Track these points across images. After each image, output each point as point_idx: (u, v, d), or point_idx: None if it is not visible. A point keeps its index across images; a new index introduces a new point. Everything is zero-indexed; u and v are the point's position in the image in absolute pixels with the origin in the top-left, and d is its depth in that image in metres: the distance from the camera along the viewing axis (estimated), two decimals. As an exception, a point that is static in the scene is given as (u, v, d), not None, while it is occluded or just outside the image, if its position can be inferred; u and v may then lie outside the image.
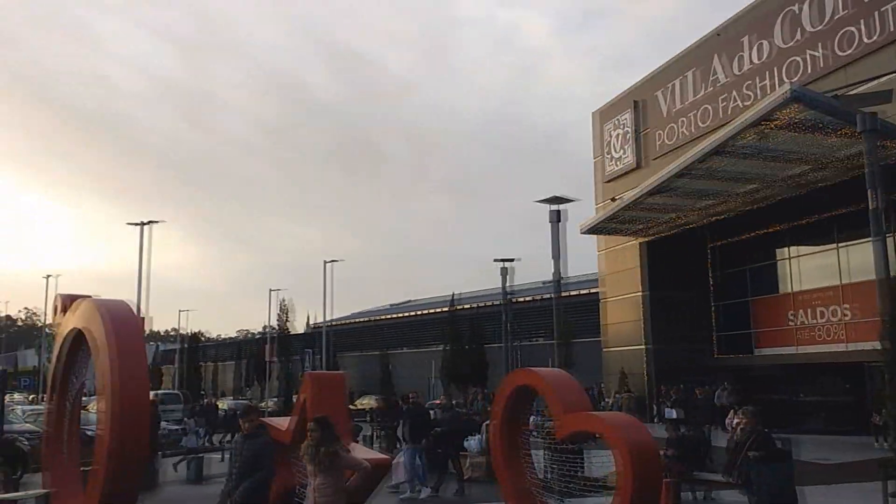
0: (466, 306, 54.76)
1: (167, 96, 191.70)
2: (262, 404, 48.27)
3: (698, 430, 15.80)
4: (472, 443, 17.37)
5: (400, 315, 68.92)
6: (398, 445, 17.83)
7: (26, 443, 18.75)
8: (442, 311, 55.81)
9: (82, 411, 13.95)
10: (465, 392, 40.76)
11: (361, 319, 73.43)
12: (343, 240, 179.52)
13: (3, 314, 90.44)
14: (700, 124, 31.84)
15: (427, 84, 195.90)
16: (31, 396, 52.93)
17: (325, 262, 53.75)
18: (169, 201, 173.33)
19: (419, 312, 65.52)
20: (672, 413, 25.43)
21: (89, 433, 14.57)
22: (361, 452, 10.10)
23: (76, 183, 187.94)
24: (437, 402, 27.89)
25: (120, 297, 13.39)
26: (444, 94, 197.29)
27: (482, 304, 55.01)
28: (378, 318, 71.40)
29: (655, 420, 30.05)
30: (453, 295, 54.28)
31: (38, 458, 16.16)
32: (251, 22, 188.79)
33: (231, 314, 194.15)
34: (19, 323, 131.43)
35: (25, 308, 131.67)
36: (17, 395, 51.59)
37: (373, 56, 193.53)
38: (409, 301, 75.88)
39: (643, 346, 34.93)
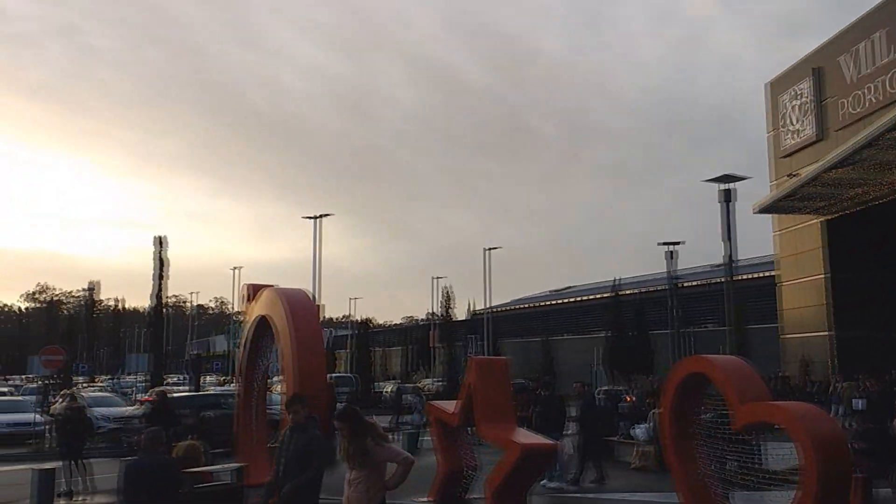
0: (629, 291, 53.35)
1: (333, 95, 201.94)
2: (421, 384, 49.85)
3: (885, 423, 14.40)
4: (639, 431, 16.92)
5: (561, 301, 68.43)
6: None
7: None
8: (604, 297, 54.76)
9: (266, 392, 15.10)
10: (629, 380, 39.79)
11: (522, 306, 73.67)
12: (499, 226, 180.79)
13: (196, 303, 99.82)
14: (889, 90, 28.88)
15: (582, 63, 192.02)
16: (223, 378, 58.03)
17: (485, 250, 54.40)
18: (337, 194, 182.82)
19: (580, 298, 64.70)
20: (859, 404, 23.38)
21: (274, 414, 15.73)
22: (524, 437, 10.15)
23: (254, 182, 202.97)
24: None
25: (296, 286, 14.37)
26: (599, 72, 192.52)
27: (646, 290, 53.36)
28: (539, 304, 71.31)
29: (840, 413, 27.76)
30: (616, 280, 53.08)
31: (227, 435, 17.68)
32: (407, 15, 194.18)
33: (396, 301, 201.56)
34: (211, 311, 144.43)
35: (216, 297, 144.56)
36: (209, 378, 56.74)
37: (526, 38, 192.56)
38: (570, 287, 75.13)
39: (826, 333, 32.46)
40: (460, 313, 58.19)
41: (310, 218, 42.07)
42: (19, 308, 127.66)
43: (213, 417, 18.82)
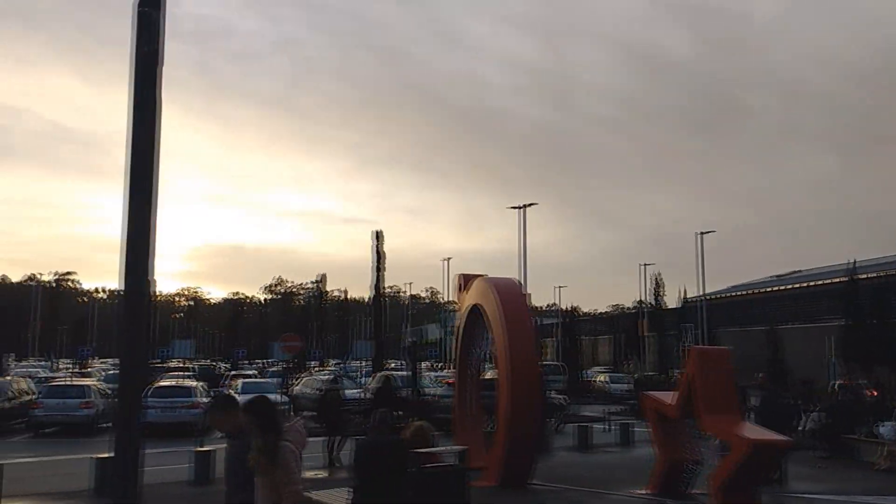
0: (868, 275, 47.95)
1: (532, 85, 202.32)
2: (636, 376, 48.46)
3: None
4: (885, 429, 15.24)
5: (786, 287, 63.20)
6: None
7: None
8: (837, 282, 49.70)
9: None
10: (870, 372, 35.81)
11: (741, 293, 69.04)
12: (712, 208, 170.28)
13: (410, 293, 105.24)
14: None
15: (796, 26, 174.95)
16: (438, 364, 60.58)
17: (697, 234, 51.67)
18: (541, 184, 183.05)
19: (809, 284, 59.28)
20: None
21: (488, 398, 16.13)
22: (752, 431, 9.52)
23: (462, 175, 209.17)
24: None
25: (504, 275, 14.62)
26: (816, 35, 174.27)
27: (889, 273, 47.66)
28: (760, 290, 66.42)
29: None
30: (851, 262, 47.96)
31: (445, 418, 18.42)
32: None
33: (602, 289, 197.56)
34: (424, 300, 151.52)
35: (428, 287, 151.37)
36: (424, 364, 59.51)
37: (733, 4, 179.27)
38: (796, 271, 69.11)
39: None
40: (671, 301, 55.88)
41: (515, 208, 42.56)
42: (260, 300, 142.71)
43: (433, 399, 19.61)
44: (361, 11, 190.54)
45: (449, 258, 63.96)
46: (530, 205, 42.61)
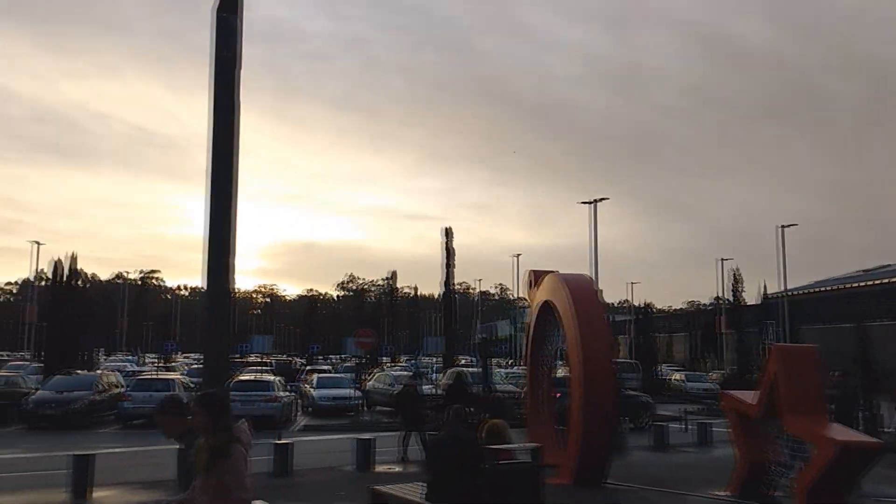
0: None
1: (600, 75, 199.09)
2: (711, 375, 47.07)
3: None
4: None
5: (876, 282, 60.29)
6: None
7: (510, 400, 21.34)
8: (931, 277, 47.10)
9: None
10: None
11: (826, 288, 66.24)
12: (793, 200, 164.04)
13: (480, 290, 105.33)
14: None
15: (883, 5, 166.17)
16: (508, 361, 60.44)
17: (778, 227, 49.81)
18: (611, 177, 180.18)
19: (899, 279, 56.46)
20: None
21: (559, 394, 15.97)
22: (840, 432, 9.11)
23: (530, 170, 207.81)
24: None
25: (574, 271, 14.44)
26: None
27: None
28: (847, 286, 63.57)
29: None
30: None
31: (517, 415, 18.35)
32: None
33: (676, 285, 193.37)
34: (493, 297, 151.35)
35: (498, 284, 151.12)
36: (496, 360, 59.46)
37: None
38: (887, 266, 65.87)
39: None
40: (750, 297, 54.05)
41: (585, 203, 42.00)
42: (333, 296, 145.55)
43: (505, 396, 19.57)
44: (428, 8, 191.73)
45: (518, 254, 63.71)
46: (601, 199, 41.98)
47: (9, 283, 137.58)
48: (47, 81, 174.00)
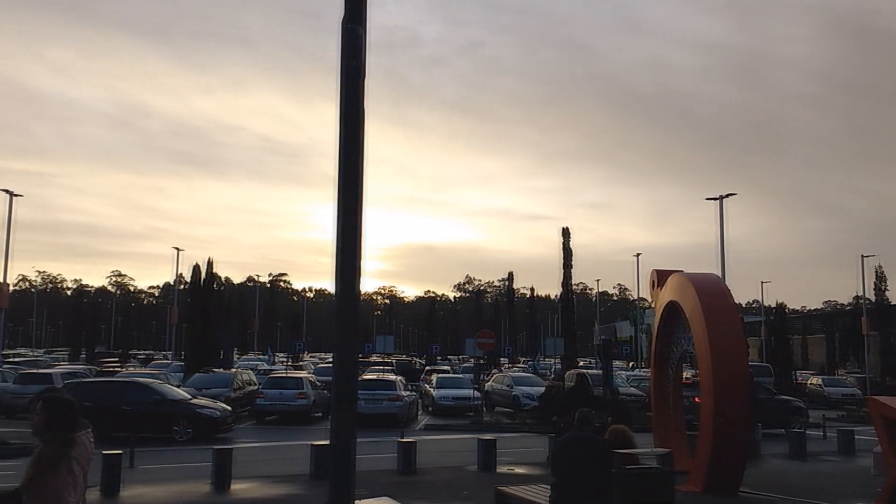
0: None
1: (722, 66, 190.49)
2: (847, 379, 43.88)
3: None
4: None
5: None
6: None
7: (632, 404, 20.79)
8: None
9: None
10: None
11: (984, 286, 60.37)
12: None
13: (599, 290, 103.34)
14: None
15: None
16: (630, 363, 58.93)
17: (929, 221, 45.81)
18: (738, 171, 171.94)
19: None
20: None
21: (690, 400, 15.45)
22: None
23: (649, 167, 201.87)
24: None
25: (700, 270, 13.88)
26: None
27: None
28: None
29: None
30: None
31: (642, 419, 17.86)
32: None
33: (813, 284, 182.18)
34: (613, 297, 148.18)
35: (618, 284, 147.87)
36: (617, 362, 58.10)
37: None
38: None
39: None
40: (894, 296, 50.09)
41: (712, 199, 40.31)
42: (451, 297, 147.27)
43: (628, 400, 19.11)
44: (542, 8, 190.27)
45: (639, 254, 61.94)
46: (729, 195, 40.14)
47: (153, 287, 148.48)
48: (182, 97, 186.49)
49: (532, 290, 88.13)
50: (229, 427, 19.72)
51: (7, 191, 31.74)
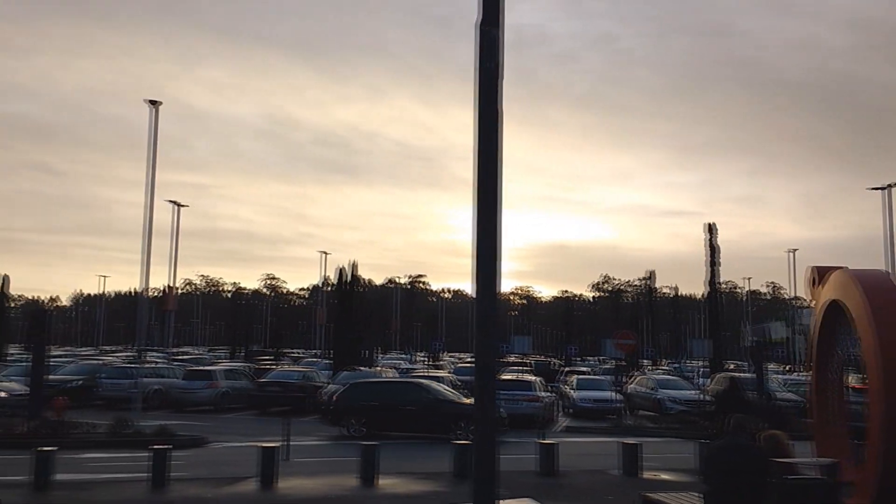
0: None
1: (879, 43, 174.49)
2: None
3: None
4: None
5: None
6: None
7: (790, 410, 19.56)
8: None
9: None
10: None
11: None
12: None
13: (748, 289, 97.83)
14: None
15: None
16: (786, 367, 55.42)
17: None
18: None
19: None
20: None
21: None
22: None
23: (800, 156, 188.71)
24: None
25: (861, 267, 12.77)
26: None
27: None
28: None
29: None
30: None
31: (799, 426, 16.70)
32: None
33: None
34: (764, 296, 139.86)
35: (769, 282, 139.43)
36: (771, 365, 54.85)
37: None
38: None
39: None
40: None
41: (876, 189, 37.13)
42: (588, 297, 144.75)
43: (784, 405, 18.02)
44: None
45: (794, 249, 58.12)
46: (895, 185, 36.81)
47: (302, 289, 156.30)
48: (325, 108, 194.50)
49: (675, 289, 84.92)
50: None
51: (174, 202, 34.54)
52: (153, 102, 20.66)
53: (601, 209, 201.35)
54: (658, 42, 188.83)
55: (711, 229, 39.60)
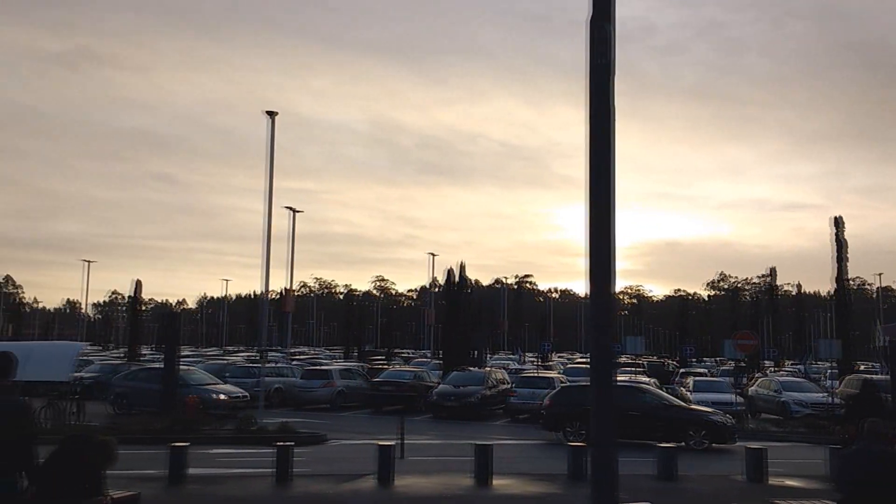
0: None
1: None
2: None
3: None
4: None
5: None
6: None
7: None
8: None
9: None
10: None
11: None
12: None
13: (880, 285, 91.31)
14: None
15: None
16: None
17: None
18: None
19: None
20: None
21: None
22: None
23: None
24: None
25: None
26: None
27: None
28: None
29: None
30: None
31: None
32: None
33: None
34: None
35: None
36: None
37: None
38: None
39: None
40: None
41: None
42: (703, 296, 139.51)
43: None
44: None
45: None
46: None
47: (410, 291, 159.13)
48: (426, 111, 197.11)
49: (798, 286, 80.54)
50: (735, 436, 18.30)
51: (290, 208, 35.94)
52: (270, 113, 21.55)
53: (713, 204, 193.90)
54: (771, 28, 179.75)
55: (838, 223, 37.31)
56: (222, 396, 23.15)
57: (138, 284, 46.64)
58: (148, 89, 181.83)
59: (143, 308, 60.27)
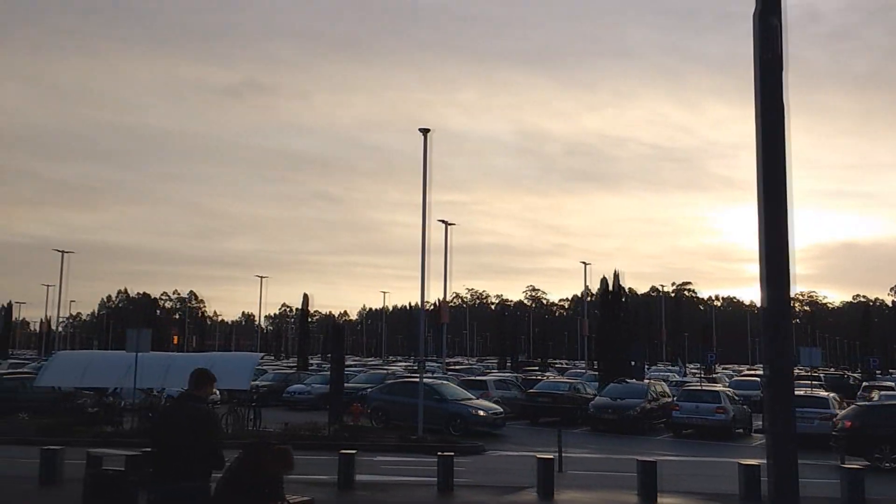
0: None
1: None
2: None
3: None
4: None
5: None
6: None
7: None
8: None
9: None
10: None
11: None
12: None
13: None
14: None
15: None
16: None
17: None
18: None
19: None
20: None
21: None
22: None
23: None
24: None
25: None
26: None
27: None
28: None
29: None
30: None
31: None
32: None
33: None
34: None
35: None
36: None
37: None
38: None
39: None
40: None
41: None
42: (888, 302, 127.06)
43: None
44: None
45: None
46: None
47: (563, 300, 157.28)
48: (573, 117, 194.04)
49: None
50: None
51: (444, 221, 36.65)
52: (424, 131, 22.08)
53: (894, 201, 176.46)
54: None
55: None
56: (481, 412, 22.10)
57: (307, 298, 49.25)
58: (309, 113, 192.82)
59: (311, 320, 63.66)
